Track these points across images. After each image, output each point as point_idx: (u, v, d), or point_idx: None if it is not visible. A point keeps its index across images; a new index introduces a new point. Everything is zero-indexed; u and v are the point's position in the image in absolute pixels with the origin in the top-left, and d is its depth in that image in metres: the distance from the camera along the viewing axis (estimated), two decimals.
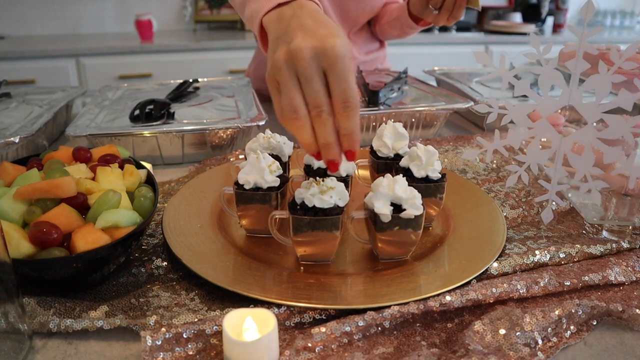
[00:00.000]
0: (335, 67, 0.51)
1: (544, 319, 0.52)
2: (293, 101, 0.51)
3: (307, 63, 0.50)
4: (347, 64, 0.51)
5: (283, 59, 0.51)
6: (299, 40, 0.51)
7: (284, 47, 0.52)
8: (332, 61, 0.51)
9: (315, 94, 0.51)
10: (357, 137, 0.52)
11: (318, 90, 0.51)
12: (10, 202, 0.54)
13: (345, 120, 0.51)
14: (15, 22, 2.79)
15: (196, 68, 2.57)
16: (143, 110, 0.94)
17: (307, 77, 0.51)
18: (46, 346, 0.50)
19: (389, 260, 0.61)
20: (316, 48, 0.51)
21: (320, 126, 0.52)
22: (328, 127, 0.51)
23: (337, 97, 0.51)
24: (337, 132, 0.52)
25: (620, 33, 3.22)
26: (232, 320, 0.46)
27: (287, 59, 0.51)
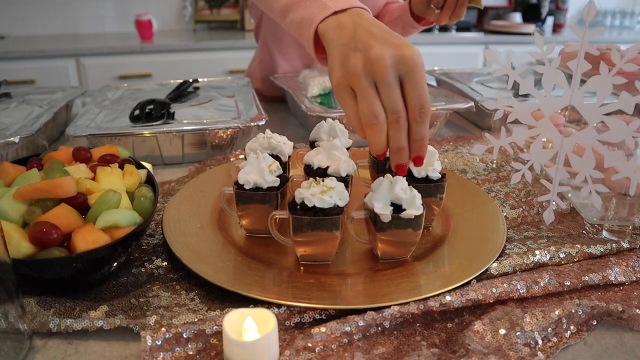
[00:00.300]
0: (413, 75, 0.53)
1: (544, 319, 0.52)
2: (373, 107, 0.54)
3: (387, 70, 0.53)
4: (423, 72, 0.54)
5: (361, 66, 0.54)
6: (378, 49, 0.53)
7: (359, 55, 0.54)
8: (410, 69, 0.53)
9: (395, 101, 0.53)
10: (427, 142, 0.56)
11: (397, 97, 0.53)
12: (10, 202, 0.54)
13: (419, 126, 0.54)
14: (15, 22, 2.79)
15: (196, 68, 2.57)
16: (143, 110, 0.94)
17: (387, 85, 0.53)
18: (46, 346, 0.50)
19: (389, 260, 0.61)
20: (396, 56, 0.53)
21: (396, 131, 0.54)
22: (403, 133, 0.55)
23: (414, 104, 0.54)
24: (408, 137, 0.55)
25: (620, 33, 3.22)
26: (232, 320, 0.46)
27: (365, 66, 0.54)
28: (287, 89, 1.16)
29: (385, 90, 0.53)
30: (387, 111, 0.54)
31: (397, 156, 0.56)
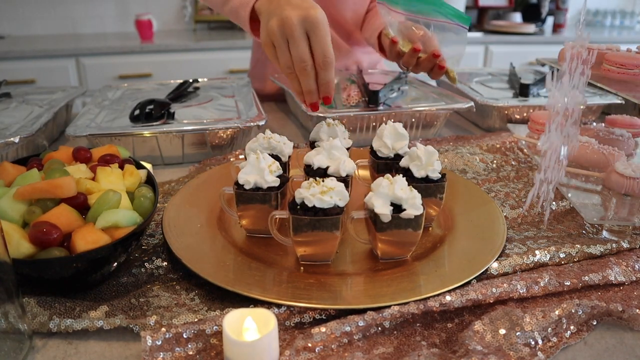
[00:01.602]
0: (316, 31, 0.67)
1: (544, 319, 0.52)
2: (287, 60, 0.68)
3: (294, 27, 0.66)
4: (326, 28, 0.67)
5: (276, 26, 0.67)
6: (288, 11, 0.67)
7: (275, 17, 0.68)
8: (314, 26, 0.66)
9: (301, 52, 0.67)
10: (332, 85, 0.70)
11: (303, 49, 0.67)
12: (10, 202, 0.54)
13: (324, 72, 0.68)
14: (15, 22, 2.79)
15: (196, 68, 2.57)
16: (143, 110, 0.94)
17: (294, 39, 0.67)
18: (46, 346, 0.50)
19: (389, 260, 0.61)
20: (302, 16, 0.66)
21: (304, 77, 0.68)
22: (311, 79, 0.69)
23: (318, 54, 0.67)
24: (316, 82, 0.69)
25: (620, 33, 3.22)
26: (232, 320, 0.46)
27: (279, 26, 0.67)
28: (287, 89, 1.16)
29: (293, 44, 0.67)
30: (295, 61, 0.67)
31: (308, 96, 0.71)
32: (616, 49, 0.79)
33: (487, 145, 0.98)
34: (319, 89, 0.70)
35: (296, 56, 0.67)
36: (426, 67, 0.90)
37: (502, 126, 1.13)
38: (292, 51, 0.67)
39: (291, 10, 0.67)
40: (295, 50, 0.67)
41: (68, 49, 2.44)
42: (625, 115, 0.94)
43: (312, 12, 0.67)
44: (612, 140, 0.85)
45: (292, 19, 0.66)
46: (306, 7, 0.67)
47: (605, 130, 0.88)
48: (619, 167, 0.70)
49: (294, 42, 0.67)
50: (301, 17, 0.66)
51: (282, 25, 0.67)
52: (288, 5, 0.68)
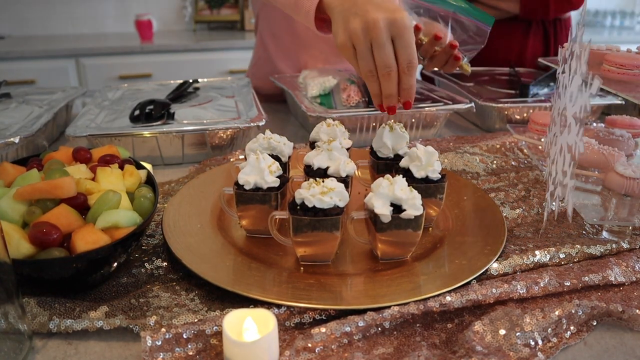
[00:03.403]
0: (402, 36, 0.65)
1: (544, 319, 0.52)
2: (369, 63, 0.66)
3: (381, 31, 0.64)
4: (412, 33, 0.65)
5: (360, 28, 0.65)
6: (373, 13, 0.64)
7: (358, 19, 0.65)
8: (400, 30, 0.64)
9: (387, 57, 0.65)
10: (414, 90, 0.68)
11: (388, 54, 0.65)
12: (10, 202, 0.54)
13: (408, 77, 0.67)
14: (15, 22, 2.79)
15: (196, 68, 2.57)
16: (143, 111, 0.94)
17: (380, 44, 0.64)
18: (46, 346, 0.50)
19: (389, 260, 0.61)
20: (389, 19, 0.64)
21: (387, 82, 0.67)
22: (393, 83, 0.67)
23: (403, 60, 0.66)
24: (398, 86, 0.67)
25: (620, 33, 3.21)
26: (232, 320, 0.46)
27: (364, 28, 0.65)
28: (287, 90, 1.16)
29: (379, 49, 0.65)
30: (379, 66, 0.66)
31: (387, 100, 0.68)
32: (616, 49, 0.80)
33: (487, 146, 0.98)
34: (400, 94, 0.68)
35: (381, 61, 0.65)
36: (441, 60, 0.92)
37: (502, 126, 1.13)
38: (377, 56, 0.65)
39: (376, 12, 0.64)
40: (380, 55, 0.65)
41: (68, 49, 2.44)
42: (625, 116, 0.94)
43: (399, 16, 0.64)
44: (612, 141, 0.85)
45: (379, 22, 0.63)
46: (392, 10, 0.65)
47: (605, 131, 0.88)
48: (619, 167, 0.70)
49: (380, 46, 0.64)
50: (388, 20, 0.64)
51: (367, 28, 0.64)
52: (370, 5, 0.65)
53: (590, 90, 0.51)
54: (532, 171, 0.88)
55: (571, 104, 0.57)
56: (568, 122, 0.58)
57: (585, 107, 0.53)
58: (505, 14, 1.45)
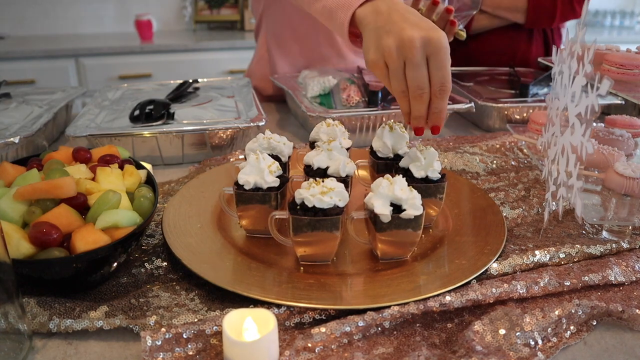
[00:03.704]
0: (438, 56, 0.61)
1: (544, 319, 0.52)
2: (401, 83, 0.63)
3: (417, 51, 0.60)
4: (447, 54, 0.61)
5: (395, 46, 0.61)
6: (409, 31, 0.61)
7: (392, 36, 0.62)
8: (436, 50, 0.61)
9: (420, 78, 0.61)
10: (444, 115, 0.64)
11: (422, 75, 0.61)
12: (10, 202, 0.54)
13: (439, 101, 0.63)
14: (15, 22, 2.78)
15: (196, 68, 2.56)
16: (143, 111, 0.94)
17: (415, 64, 0.61)
18: (46, 346, 0.50)
19: (389, 260, 0.61)
20: (424, 38, 0.60)
21: (418, 103, 0.63)
22: (424, 105, 0.63)
23: (436, 82, 0.62)
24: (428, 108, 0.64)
25: (620, 33, 3.21)
26: (232, 320, 0.46)
27: (398, 46, 0.61)
28: (287, 90, 1.16)
29: (413, 69, 0.61)
30: (412, 86, 0.62)
31: (416, 121, 0.65)
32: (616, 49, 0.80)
33: (487, 146, 0.98)
34: (429, 117, 0.65)
35: (414, 82, 0.62)
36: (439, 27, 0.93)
37: (502, 126, 1.13)
38: (410, 75, 0.62)
39: (412, 30, 0.60)
40: (414, 76, 0.61)
41: (68, 49, 2.44)
42: (625, 116, 0.94)
43: (435, 35, 0.60)
44: (612, 141, 0.85)
45: (414, 41, 0.60)
46: (427, 28, 0.61)
47: (605, 131, 0.88)
48: (619, 167, 0.70)
49: (414, 66, 0.61)
50: (424, 39, 0.60)
51: (402, 47, 0.61)
52: (406, 23, 0.62)
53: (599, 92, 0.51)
54: (532, 171, 0.88)
55: (573, 104, 0.57)
56: (571, 122, 0.58)
57: (593, 108, 0.53)
58: (509, 21, 1.47)
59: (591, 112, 0.53)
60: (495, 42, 1.50)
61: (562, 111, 0.61)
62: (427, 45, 0.60)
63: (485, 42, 1.51)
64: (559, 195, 0.61)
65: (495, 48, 1.50)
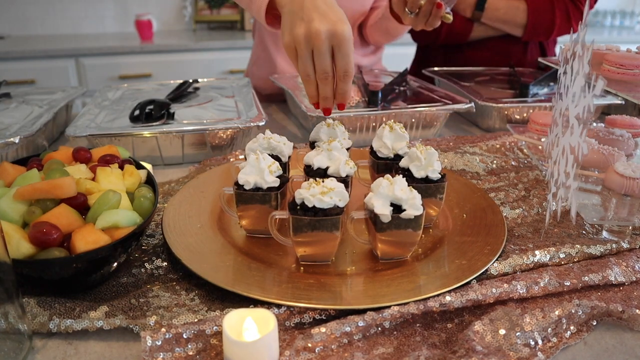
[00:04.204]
0: (342, 47, 0.69)
1: (543, 319, 0.52)
2: (308, 68, 0.71)
3: (322, 42, 0.68)
4: (351, 45, 0.70)
5: (303, 36, 0.69)
6: (317, 23, 0.68)
7: (302, 26, 0.69)
8: (340, 42, 0.69)
9: (325, 64, 0.70)
10: (348, 95, 0.73)
11: (327, 62, 0.70)
12: (10, 202, 0.54)
13: (343, 84, 0.72)
14: (15, 22, 2.79)
15: (196, 68, 2.57)
16: (143, 111, 0.94)
17: (321, 53, 0.69)
18: (46, 346, 0.50)
19: (389, 260, 0.61)
20: (329, 31, 0.68)
21: (324, 85, 0.72)
22: (329, 87, 0.72)
23: (340, 68, 0.71)
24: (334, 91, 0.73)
25: (620, 33, 3.22)
26: (232, 320, 0.46)
27: (306, 36, 0.69)
28: (287, 89, 1.16)
29: (318, 57, 0.70)
30: (318, 71, 0.71)
31: (323, 102, 0.74)
32: (616, 49, 0.80)
33: (487, 146, 0.98)
34: (336, 97, 0.73)
35: (319, 68, 0.70)
36: (426, 11, 0.98)
37: (502, 126, 1.13)
38: (316, 62, 0.70)
39: (320, 23, 0.68)
40: (319, 62, 0.70)
41: (68, 49, 2.44)
42: (625, 116, 0.94)
43: (340, 28, 0.68)
44: (612, 141, 0.85)
45: (320, 33, 0.68)
46: (334, 21, 0.68)
47: (605, 131, 0.88)
48: (619, 167, 0.70)
49: (319, 55, 0.69)
50: (329, 32, 0.68)
51: (309, 37, 0.68)
52: (315, 13, 0.69)
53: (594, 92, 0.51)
54: (532, 171, 0.88)
55: (574, 105, 0.57)
56: (571, 123, 0.58)
57: (589, 108, 0.53)
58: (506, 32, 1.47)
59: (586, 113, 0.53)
60: (491, 51, 1.50)
61: (564, 111, 0.61)
62: (332, 37, 0.68)
63: (481, 51, 1.50)
64: (558, 196, 0.61)
65: (490, 57, 1.50)
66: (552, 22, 1.39)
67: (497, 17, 1.42)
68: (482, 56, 1.50)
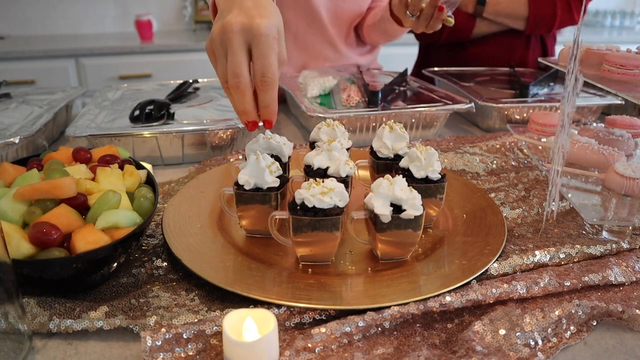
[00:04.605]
0: (258, 44, 0.56)
1: (543, 320, 0.52)
2: (222, 71, 0.58)
3: (233, 36, 0.56)
4: (270, 42, 0.57)
5: (217, 32, 0.58)
6: (232, 16, 0.57)
7: (220, 22, 0.58)
8: (255, 38, 0.56)
9: (236, 64, 0.57)
10: (273, 109, 0.59)
11: (239, 61, 0.57)
12: (10, 202, 0.54)
13: (263, 93, 0.58)
14: (15, 22, 2.79)
15: (196, 68, 2.56)
16: (143, 111, 0.94)
17: (231, 50, 0.57)
18: (46, 346, 0.50)
19: (389, 260, 0.61)
20: (244, 24, 0.56)
21: (238, 94, 0.58)
22: (246, 97, 0.58)
23: (257, 71, 0.57)
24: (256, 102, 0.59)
25: (620, 33, 3.22)
26: (232, 320, 0.46)
27: (219, 32, 0.57)
28: (287, 90, 1.16)
29: (230, 55, 0.57)
30: (229, 75, 0.57)
31: (243, 116, 0.60)
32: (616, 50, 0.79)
33: (487, 146, 0.98)
34: (259, 111, 0.60)
35: (230, 69, 0.57)
36: (428, 14, 0.95)
37: (502, 126, 1.13)
38: (228, 63, 0.57)
39: (236, 16, 0.57)
40: (230, 62, 0.57)
41: (68, 49, 2.44)
42: (625, 116, 0.94)
43: (257, 22, 0.56)
44: (612, 141, 0.85)
45: (233, 26, 0.56)
46: (253, 15, 0.57)
47: (605, 131, 0.88)
48: (619, 167, 0.70)
49: (231, 52, 0.57)
50: (243, 25, 0.56)
51: (223, 32, 0.57)
52: (238, 8, 0.58)
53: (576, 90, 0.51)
54: (532, 171, 0.88)
55: (568, 104, 0.57)
56: (563, 122, 0.58)
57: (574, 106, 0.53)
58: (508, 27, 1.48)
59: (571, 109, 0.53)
60: (493, 48, 1.51)
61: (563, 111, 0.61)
62: (247, 31, 0.56)
63: (484, 48, 1.51)
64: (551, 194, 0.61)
65: (493, 53, 1.51)
66: (554, 13, 1.40)
67: (498, 11, 1.43)
68: (485, 53, 1.51)
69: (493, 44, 1.50)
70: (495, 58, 1.50)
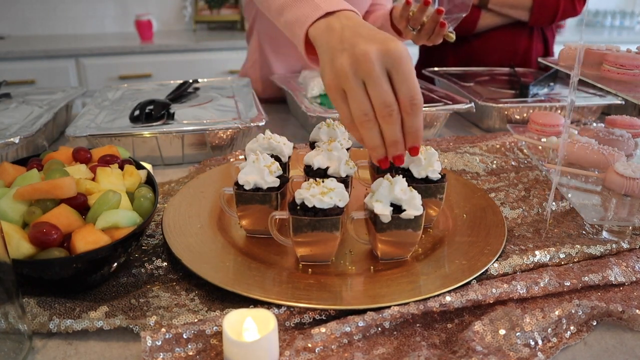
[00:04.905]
0: (399, 67, 0.53)
1: (543, 320, 0.52)
2: (363, 105, 0.54)
3: (373, 65, 0.52)
4: (410, 64, 0.54)
5: (348, 65, 0.53)
6: (363, 46, 0.53)
7: (346, 54, 0.54)
8: (396, 61, 0.53)
9: (384, 94, 0.53)
10: (421, 133, 0.55)
11: (385, 90, 0.53)
12: (10, 202, 0.54)
13: (412, 118, 0.54)
14: (15, 22, 2.79)
15: (196, 68, 2.57)
16: (143, 111, 0.94)
17: (374, 79, 0.53)
18: (46, 346, 0.50)
19: (389, 260, 0.61)
20: (381, 50, 0.53)
21: (389, 125, 0.54)
22: (397, 126, 0.54)
23: (404, 96, 0.53)
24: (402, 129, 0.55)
25: (620, 33, 3.22)
26: (232, 320, 0.46)
27: (352, 64, 0.53)
28: (287, 90, 1.16)
29: (373, 85, 0.53)
30: (377, 106, 0.53)
31: (393, 149, 0.55)
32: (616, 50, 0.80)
33: (487, 146, 0.98)
34: (405, 138, 0.55)
35: (378, 100, 0.53)
36: (429, 29, 0.94)
37: (502, 126, 1.13)
38: (372, 94, 0.53)
39: (365, 44, 0.53)
40: (376, 93, 0.53)
41: (68, 49, 2.44)
42: (625, 116, 0.94)
43: (392, 46, 0.53)
44: (612, 141, 0.85)
45: (370, 54, 0.52)
46: (382, 40, 0.53)
47: (605, 131, 0.88)
48: (619, 167, 0.70)
49: (374, 82, 0.52)
50: (380, 51, 0.52)
51: (357, 63, 0.53)
52: (359, 38, 0.54)
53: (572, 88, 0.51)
54: (532, 171, 0.88)
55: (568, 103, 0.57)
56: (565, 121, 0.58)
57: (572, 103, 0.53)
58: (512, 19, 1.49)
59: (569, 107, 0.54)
60: (497, 40, 1.52)
61: None
62: (384, 57, 0.53)
63: (488, 41, 1.53)
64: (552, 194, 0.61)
65: (497, 46, 1.52)
66: (557, 4, 1.43)
67: (504, 1, 1.45)
68: (489, 47, 1.52)
69: (497, 37, 1.52)
70: (499, 51, 1.51)
